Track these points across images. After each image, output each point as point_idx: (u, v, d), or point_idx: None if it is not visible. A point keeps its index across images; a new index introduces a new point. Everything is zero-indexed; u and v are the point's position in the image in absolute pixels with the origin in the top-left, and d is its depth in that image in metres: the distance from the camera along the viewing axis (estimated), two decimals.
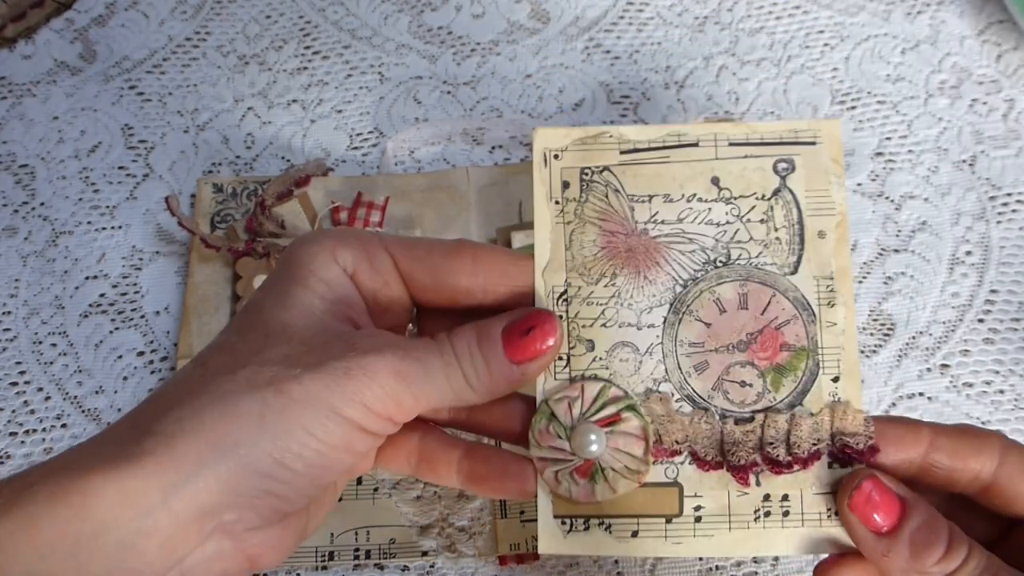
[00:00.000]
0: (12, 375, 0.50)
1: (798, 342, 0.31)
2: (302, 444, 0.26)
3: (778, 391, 0.31)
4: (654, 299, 0.32)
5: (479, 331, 0.28)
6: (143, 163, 0.56)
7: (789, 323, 0.31)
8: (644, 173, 0.32)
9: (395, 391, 0.27)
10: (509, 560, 0.45)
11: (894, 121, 0.57)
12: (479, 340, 0.28)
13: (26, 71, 0.60)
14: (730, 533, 0.31)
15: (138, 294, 0.52)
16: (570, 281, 0.32)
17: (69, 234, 0.54)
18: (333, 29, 0.61)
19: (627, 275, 0.32)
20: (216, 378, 0.26)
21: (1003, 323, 0.51)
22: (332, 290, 0.28)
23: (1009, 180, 0.54)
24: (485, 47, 0.60)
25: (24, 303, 0.52)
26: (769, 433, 0.30)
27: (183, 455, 0.24)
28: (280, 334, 0.27)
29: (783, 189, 0.32)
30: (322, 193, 0.54)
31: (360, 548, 0.45)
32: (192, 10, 0.62)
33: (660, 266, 0.32)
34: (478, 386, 0.28)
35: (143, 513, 0.24)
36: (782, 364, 0.31)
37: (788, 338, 0.31)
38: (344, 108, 0.58)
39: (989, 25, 0.60)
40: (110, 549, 0.24)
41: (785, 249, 0.32)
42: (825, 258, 0.32)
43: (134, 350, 0.51)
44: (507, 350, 0.28)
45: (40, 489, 0.24)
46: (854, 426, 0.30)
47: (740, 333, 0.31)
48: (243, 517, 0.26)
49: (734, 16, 0.61)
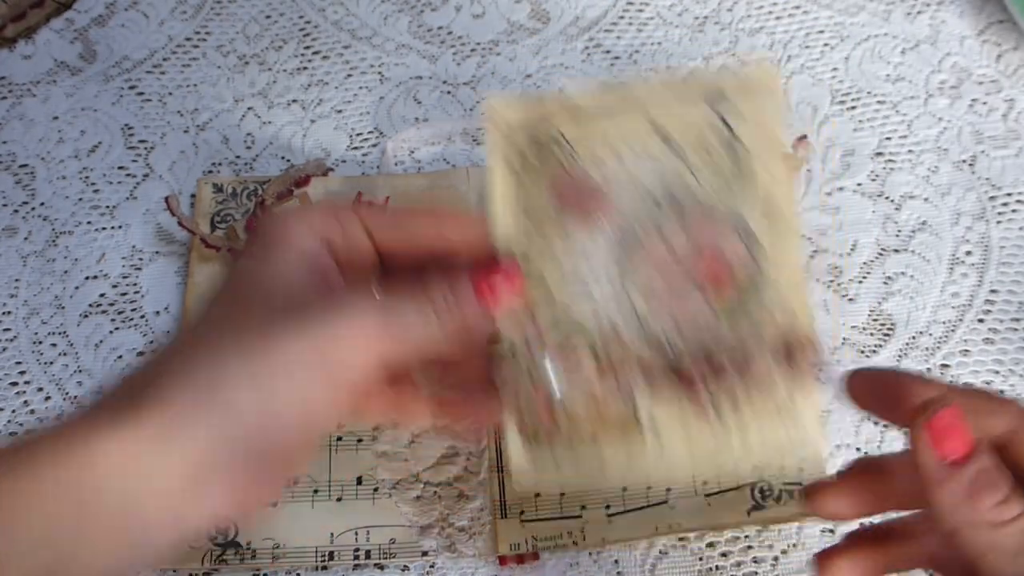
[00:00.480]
0: (12, 375, 0.50)
1: (745, 271, 0.33)
2: (289, 396, 0.27)
3: (728, 319, 0.33)
4: (606, 243, 0.34)
5: (450, 278, 0.30)
6: (143, 163, 0.56)
7: (736, 252, 0.33)
8: (590, 128, 0.34)
9: (374, 342, 0.28)
10: (509, 560, 0.45)
11: (894, 121, 0.57)
12: (451, 286, 0.30)
13: (26, 71, 0.60)
14: (688, 443, 0.33)
15: (138, 294, 0.52)
16: (528, 235, 0.34)
17: (69, 234, 0.54)
18: (333, 29, 0.61)
19: (579, 224, 0.34)
20: (205, 341, 0.28)
21: (1003, 323, 0.51)
22: (308, 256, 0.30)
23: (1009, 180, 0.54)
24: (485, 47, 0.60)
25: (24, 303, 0.52)
26: (720, 351, 0.32)
27: (178, 411, 0.26)
28: (263, 299, 0.29)
29: (723, 127, 0.34)
30: (322, 193, 0.54)
31: (360, 548, 0.45)
32: (192, 10, 0.62)
33: (609, 212, 0.34)
34: (452, 328, 0.30)
35: (143, 466, 0.26)
36: (730, 293, 0.33)
37: (735, 266, 0.33)
38: (344, 108, 0.58)
39: (989, 25, 0.60)
40: (113, 504, 0.25)
41: (729, 183, 0.34)
42: (769, 189, 0.33)
43: (134, 350, 0.51)
44: (476, 293, 0.30)
45: (44, 450, 0.25)
46: (801, 337, 0.32)
47: (687, 264, 0.33)
48: (234, 466, 0.27)
49: (734, 16, 0.61)
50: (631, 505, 0.46)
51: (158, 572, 0.44)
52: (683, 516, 0.45)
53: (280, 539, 0.45)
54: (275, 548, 0.45)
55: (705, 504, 0.45)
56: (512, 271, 0.32)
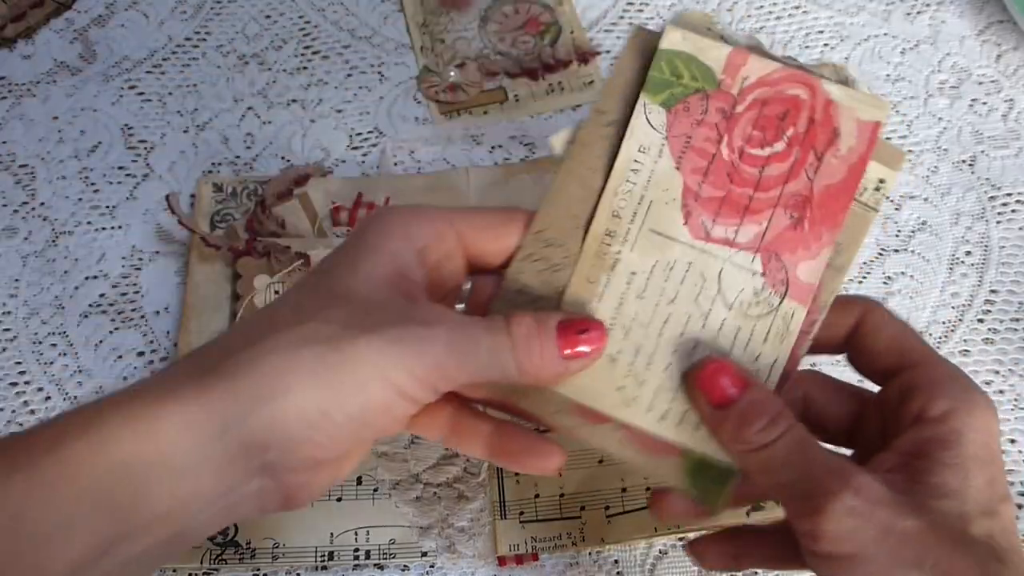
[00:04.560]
0: (12, 375, 0.50)
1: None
2: (347, 400, 0.27)
3: None
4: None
5: (538, 320, 0.30)
6: (143, 163, 0.56)
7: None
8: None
9: (441, 362, 0.28)
10: (508, 561, 0.45)
11: (894, 121, 0.57)
12: (537, 327, 0.30)
13: (26, 71, 0.60)
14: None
15: (138, 294, 0.52)
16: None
17: (69, 234, 0.54)
18: (333, 29, 0.61)
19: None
20: (280, 328, 0.28)
21: (1003, 323, 0.51)
22: (398, 263, 0.30)
23: (1009, 180, 0.54)
24: None
25: (24, 303, 0.52)
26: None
27: (242, 393, 0.27)
28: (344, 297, 0.29)
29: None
30: (322, 193, 0.54)
31: (360, 548, 0.45)
32: (192, 10, 0.62)
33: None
34: (526, 369, 0.30)
35: (201, 442, 0.26)
36: None
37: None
38: (344, 108, 0.58)
39: (989, 25, 0.60)
40: (170, 474, 0.26)
41: None
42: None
43: (134, 350, 0.51)
44: (560, 343, 0.30)
45: (111, 414, 0.26)
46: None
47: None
48: (284, 459, 0.28)
49: (734, 16, 0.61)
50: (630, 506, 0.46)
51: (158, 572, 0.44)
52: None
53: (280, 539, 0.45)
54: (275, 548, 0.45)
55: None
56: (599, 332, 0.31)
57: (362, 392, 0.28)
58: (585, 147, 0.33)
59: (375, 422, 0.29)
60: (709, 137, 0.32)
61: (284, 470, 0.28)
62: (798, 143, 0.32)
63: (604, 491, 0.46)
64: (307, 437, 0.28)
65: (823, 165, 0.32)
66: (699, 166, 0.32)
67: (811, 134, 0.32)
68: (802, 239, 0.32)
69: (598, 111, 0.33)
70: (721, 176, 0.32)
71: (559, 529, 0.45)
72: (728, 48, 0.32)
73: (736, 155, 0.32)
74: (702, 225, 0.32)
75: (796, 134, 0.32)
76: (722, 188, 0.32)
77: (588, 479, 0.46)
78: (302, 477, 0.29)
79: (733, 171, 0.32)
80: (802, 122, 0.32)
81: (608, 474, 0.46)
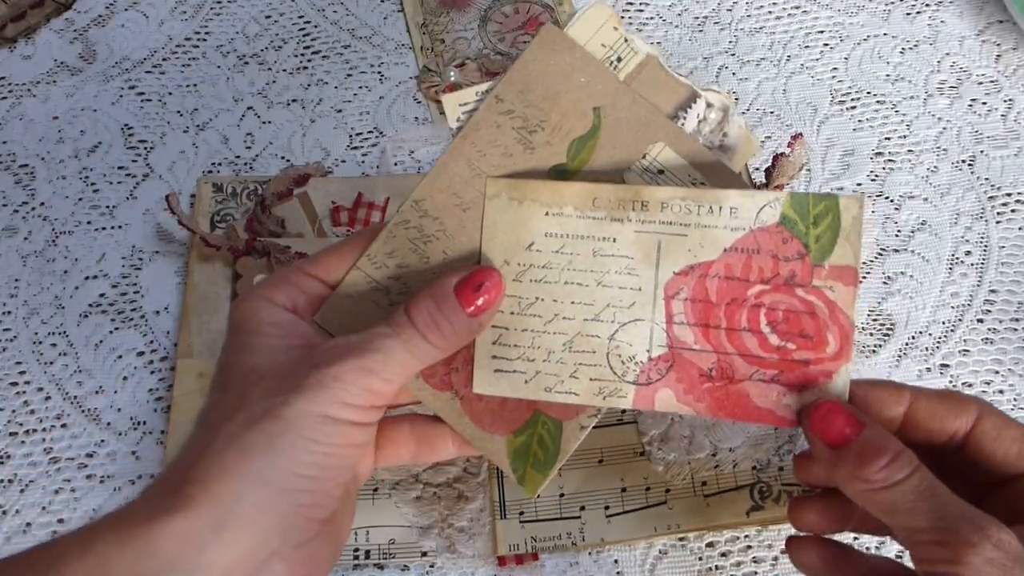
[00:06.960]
0: (12, 375, 0.50)
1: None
2: (310, 451, 0.30)
3: None
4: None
5: (434, 294, 0.32)
6: (143, 163, 0.56)
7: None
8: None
9: (365, 383, 0.30)
10: (508, 561, 0.45)
11: (894, 121, 0.57)
12: (437, 302, 0.32)
13: (26, 71, 0.60)
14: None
15: (138, 294, 0.52)
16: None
17: (69, 234, 0.54)
18: (333, 29, 0.61)
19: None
20: (221, 429, 0.30)
21: (1002, 323, 0.51)
22: (282, 328, 0.33)
23: (1009, 180, 0.54)
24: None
25: (24, 303, 0.52)
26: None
27: (219, 494, 0.28)
28: (255, 378, 0.31)
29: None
30: (322, 193, 0.54)
31: (360, 548, 0.45)
32: (192, 10, 0.62)
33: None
34: (442, 343, 0.32)
35: (199, 549, 0.28)
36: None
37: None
38: (344, 108, 0.58)
39: (989, 25, 0.60)
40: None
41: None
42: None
43: (134, 350, 0.51)
44: (464, 304, 0.32)
45: (108, 536, 0.28)
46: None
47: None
48: (287, 537, 0.30)
49: (734, 16, 0.61)
50: (630, 506, 0.46)
51: None
52: (682, 516, 0.45)
53: None
54: None
55: (704, 504, 0.45)
56: (496, 279, 0.33)
57: (317, 439, 0.30)
58: (477, 130, 0.34)
59: (344, 459, 0.31)
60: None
61: (291, 549, 0.30)
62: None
63: (604, 491, 0.46)
64: (295, 504, 0.30)
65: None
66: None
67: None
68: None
69: (497, 98, 0.34)
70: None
71: (559, 529, 0.45)
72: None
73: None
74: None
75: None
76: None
77: (588, 479, 0.46)
78: (310, 548, 0.30)
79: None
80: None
81: (608, 474, 0.46)
